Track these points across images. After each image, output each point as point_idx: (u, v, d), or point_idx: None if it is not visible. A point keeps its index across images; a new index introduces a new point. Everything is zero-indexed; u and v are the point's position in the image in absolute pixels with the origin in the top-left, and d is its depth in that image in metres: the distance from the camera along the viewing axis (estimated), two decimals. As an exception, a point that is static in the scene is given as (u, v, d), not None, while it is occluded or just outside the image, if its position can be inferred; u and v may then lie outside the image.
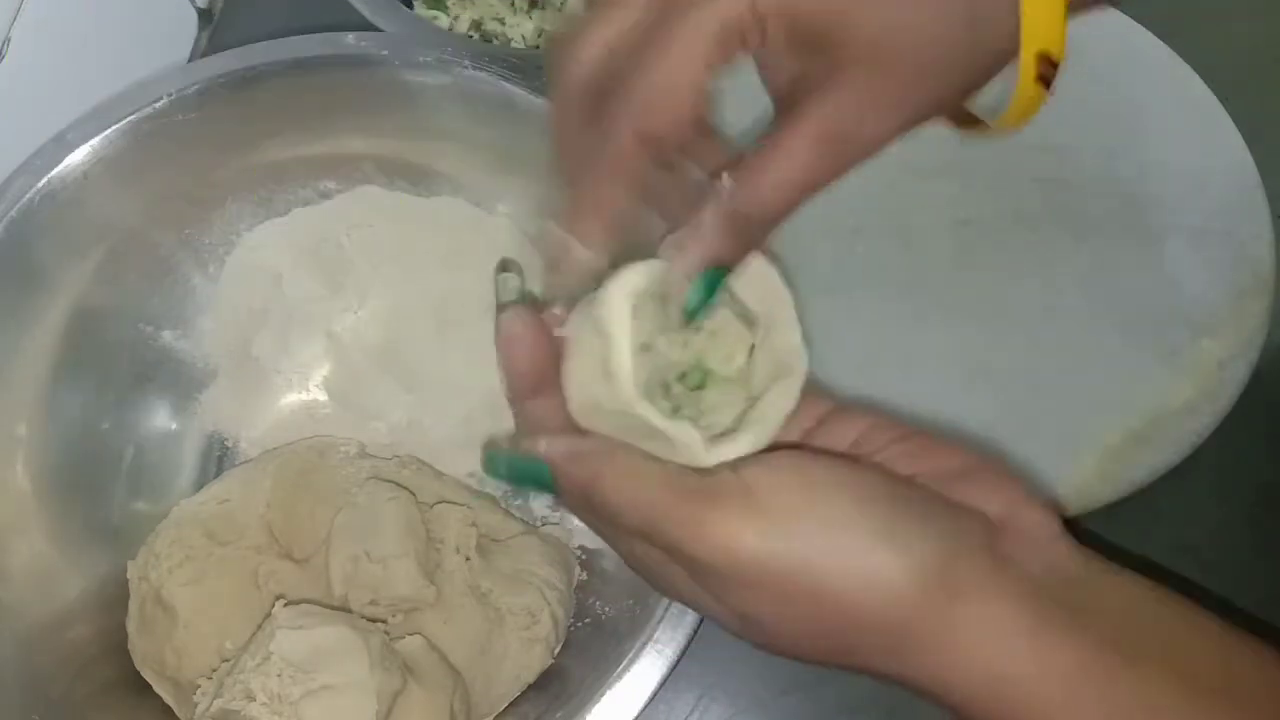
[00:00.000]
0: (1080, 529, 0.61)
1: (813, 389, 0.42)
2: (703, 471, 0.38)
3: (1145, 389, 0.65)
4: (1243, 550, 0.67)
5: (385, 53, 0.62)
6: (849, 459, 0.40)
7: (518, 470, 0.42)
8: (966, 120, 0.46)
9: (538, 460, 0.41)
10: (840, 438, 0.42)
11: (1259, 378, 0.65)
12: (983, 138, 0.45)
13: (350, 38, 0.63)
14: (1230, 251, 0.68)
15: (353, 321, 0.71)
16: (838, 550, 0.36)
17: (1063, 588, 0.37)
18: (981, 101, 0.44)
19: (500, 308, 0.43)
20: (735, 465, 0.38)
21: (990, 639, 0.36)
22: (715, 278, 0.40)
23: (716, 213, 0.40)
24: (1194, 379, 0.65)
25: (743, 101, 0.45)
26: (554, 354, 0.42)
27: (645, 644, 0.52)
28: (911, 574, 0.36)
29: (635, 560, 0.42)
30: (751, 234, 0.40)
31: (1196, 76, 0.72)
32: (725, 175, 0.40)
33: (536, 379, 0.42)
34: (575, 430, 0.42)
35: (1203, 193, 0.70)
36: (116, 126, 0.61)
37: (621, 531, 0.41)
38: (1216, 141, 0.71)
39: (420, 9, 0.78)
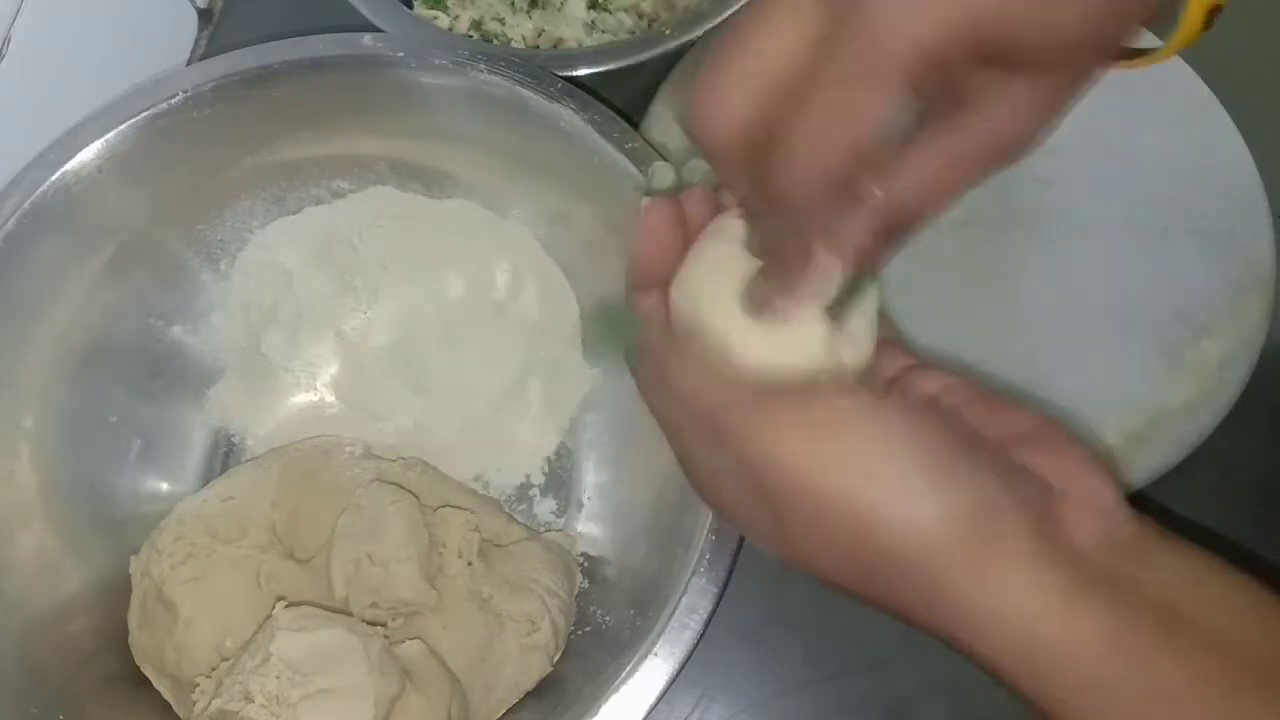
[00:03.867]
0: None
1: (894, 345, 0.43)
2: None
3: (1145, 389, 0.62)
4: (1243, 550, 0.62)
5: (401, 54, 0.59)
6: (920, 408, 0.38)
7: (614, 320, 0.43)
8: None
9: (634, 318, 0.42)
10: (918, 391, 0.41)
11: (1259, 378, 0.62)
12: (1129, 69, 0.40)
13: (366, 39, 0.59)
14: (1230, 251, 0.65)
15: (362, 322, 0.68)
16: (880, 480, 0.34)
17: (1111, 556, 0.35)
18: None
19: (649, 193, 0.43)
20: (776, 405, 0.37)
21: (1024, 598, 0.34)
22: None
23: (866, 212, 0.36)
24: (1194, 379, 0.62)
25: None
26: (682, 256, 0.42)
27: (645, 655, 0.49)
28: (948, 521, 0.34)
29: (686, 454, 0.41)
30: (898, 236, 0.38)
31: (1197, 76, 0.68)
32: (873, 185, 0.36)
33: (659, 274, 0.42)
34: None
35: (1203, 193, 0.66)
36: (130, 122, 0.58)
37: (680, 417, 0.40)
38: (1216, 141, 0.67)
39: (420, 9, 0.75)
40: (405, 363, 0.67)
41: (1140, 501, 0.58)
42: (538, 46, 0.73)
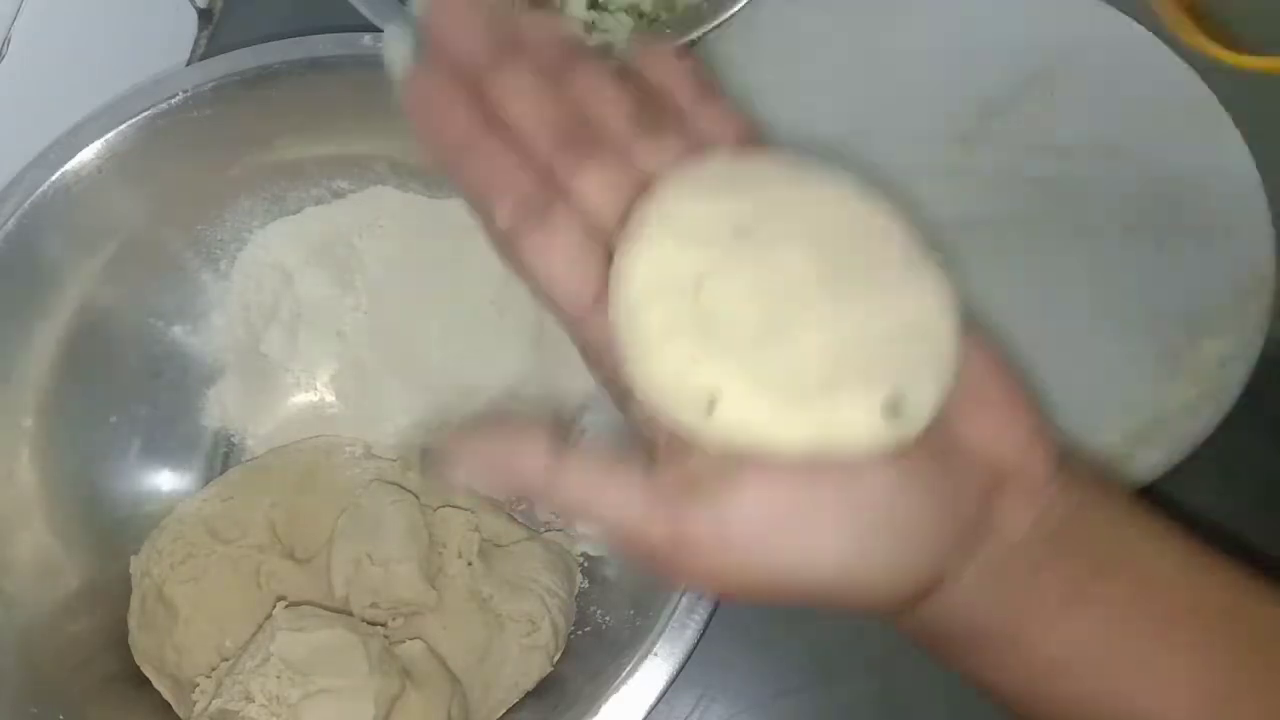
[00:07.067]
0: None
1: None
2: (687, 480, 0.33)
3: (1145, 389, 0.61)
4: (1243, 551, 0.62)
5: (401, 54, 0.58)
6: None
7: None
8: None
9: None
10: None
11: (1259, 378, 0.61)
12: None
13: (366, 39, 0.59)
14: (1230, 251, 0.64)
15: (362, 322, 0.67)
16: (830, 583, 0.34)
17: (1040, 538, 0.36)
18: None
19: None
20: (717, 488, 0.33)
21: (966, 602, 0.35)
22: None
23: None
24: (1194, 379, 0.61)
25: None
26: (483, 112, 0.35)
27: (645, 655, 0.48)
28: (905, 598, 0.35)
29: None
30: None
31: (1196, 76, 0.67)
32: None
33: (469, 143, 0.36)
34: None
35: (1203, 193, 0.65)
36: (131, 122, 0.58)
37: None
38: (1216, 141, 0.66)
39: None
40: (405, 363, 0.66)
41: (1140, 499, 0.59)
42: (537, 47, 0.73)
